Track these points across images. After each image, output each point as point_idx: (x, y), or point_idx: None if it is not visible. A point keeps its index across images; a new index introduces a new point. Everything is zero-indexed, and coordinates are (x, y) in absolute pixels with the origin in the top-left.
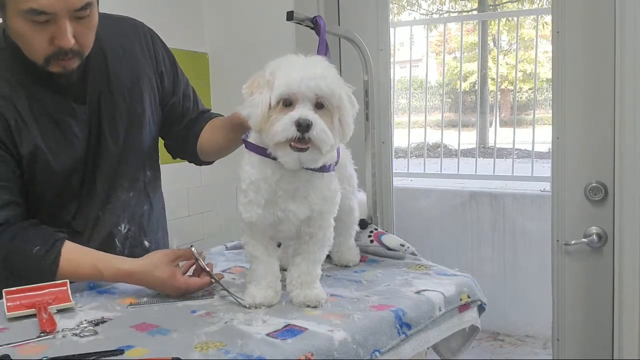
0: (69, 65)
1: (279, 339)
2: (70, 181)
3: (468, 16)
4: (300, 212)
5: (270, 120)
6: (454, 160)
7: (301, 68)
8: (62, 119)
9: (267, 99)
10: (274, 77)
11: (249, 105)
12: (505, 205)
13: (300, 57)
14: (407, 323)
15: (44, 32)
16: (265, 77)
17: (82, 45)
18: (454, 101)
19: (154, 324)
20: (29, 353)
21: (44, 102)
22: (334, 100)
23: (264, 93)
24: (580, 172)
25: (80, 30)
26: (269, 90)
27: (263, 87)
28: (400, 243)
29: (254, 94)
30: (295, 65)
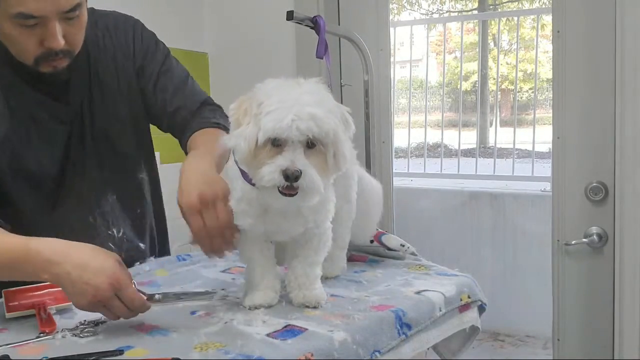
0: (59, 65)
1: (279, 339)
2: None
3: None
4: (293, 229)
5: (257, 159)
6: (454, 160)
7: (291, 106)
8: (41, 116)
9: (254, 134)
10: (262, 112)
11: (235, 137)
12: (506, 205)
13: (291, 88)
14: (407, 323)
15: (33, 35)
16: (253, 107)
17: (72, 45)
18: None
19: (154, 324)
20: (28, 353)
21: (25, 97)
22: (328, 139)
23: (250, 125)
24: (581, 172)
25: (69, 31)
26: (255, 124)
27: (250, 118)
28: (401, 243)
29: (240, 122)
30: (285, 101)
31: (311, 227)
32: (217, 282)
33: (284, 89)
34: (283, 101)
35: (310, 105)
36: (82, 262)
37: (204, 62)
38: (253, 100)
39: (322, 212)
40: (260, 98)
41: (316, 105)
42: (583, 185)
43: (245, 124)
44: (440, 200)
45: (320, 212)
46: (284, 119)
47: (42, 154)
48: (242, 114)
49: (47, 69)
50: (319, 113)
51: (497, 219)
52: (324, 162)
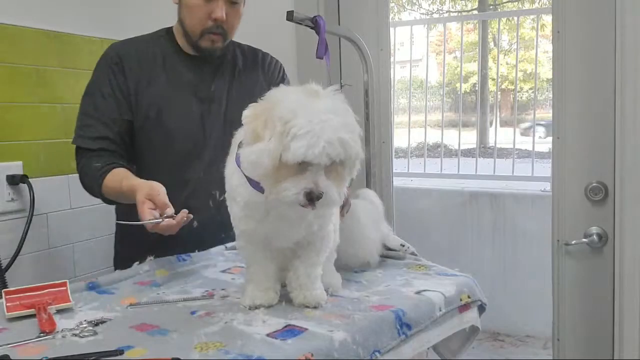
0: (215, 42)
1: (279, 339)
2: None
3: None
4: (296, 232)
5: (277, 175)
6: (454, 160)
7: (321, 131)
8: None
9: (278, 151)
10: (289, 131)
11: (257, 152)
12: (506, 205)
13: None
14: (407, 323)
15: (206, 8)
16: (275, 124)
17: (229, 26)
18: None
19: (154, 324)
20: (28, 353)
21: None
22: (351, 160)
23: (273, 142)
24: (581, 172)
25: (230, 13)
26: (279, 142)
27: (272, 133)
28: (401, 243)
29: (259, 135)
30: (314, 124)
31: (315, 230)
32: (217, 282)
33: (309, 107)
34: (312, 124)
35: (339, 129)
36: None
37: None
38: (274, 114)
39: (325, 215)
40: (284, 114)
41: (344, 128)
42: (583, 185)
43: (266, 138)
44: (440, 200)
45: (323, 215)
46: (316, 145)
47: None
48: (261, 125)
49: (206, 44)
50: (347, 138)
51: (497, 219)
52: (342, 177)
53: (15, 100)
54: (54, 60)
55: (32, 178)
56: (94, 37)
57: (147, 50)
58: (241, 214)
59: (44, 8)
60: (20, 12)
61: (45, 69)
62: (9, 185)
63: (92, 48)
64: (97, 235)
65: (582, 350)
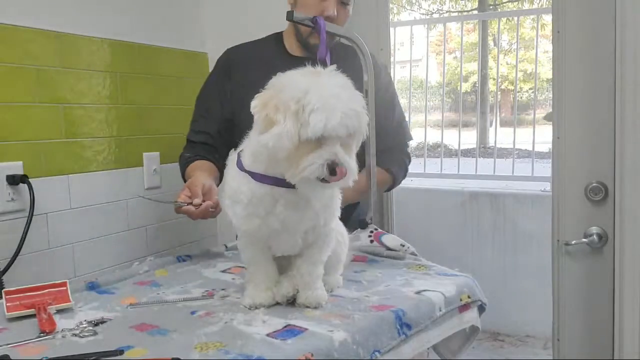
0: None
1: (279, 339)
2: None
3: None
4: (303, 222)
5: (297, 154)
6: (454, 160)
7: (336, 104)
8: None
9: (294, 131)
10: (304, 110)
11: (276, 135)
12: (506, 205)
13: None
14: (407, 323)
15: (319, 6)
16: (289, 105)
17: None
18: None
19: (154, 324)
20: (28, 353)
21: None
22: (361, 131)
23: (288, 122)
24: (581, 172)
25: (340, 12)
26: (295, 121)
27: (285, 114)
28: (401, 243)
29: (273, 120)
30: (327, 98)
31: (320, 224)
32: (217, 282)
33: (317, 84)
34: (325, 98)
35: (350, 101)
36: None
37: (204, 62)
38: (284, 96)
39: (331, 207)
40: (295, 94)
41: (354, 100)
42: (583, 185)
43: (281, 121)
44: (440, 200)
45: (330, 207)
46: (334, 117)
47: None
48: (273, 111)
49: (315, 41)
50: (359, 109)
51: (497, 219)
52: (351, 149)
53: (15, 100)
54: (54, 60)
55: (32, 178)
56: (94, 37)
57: (255, 53)
58: (244, 213)
59: (44, 8)
60: (20, 12)
61: (45, 69)
62: (9, 185)
63: (92, 48)
64: (97, 235)
65: (582, 350)
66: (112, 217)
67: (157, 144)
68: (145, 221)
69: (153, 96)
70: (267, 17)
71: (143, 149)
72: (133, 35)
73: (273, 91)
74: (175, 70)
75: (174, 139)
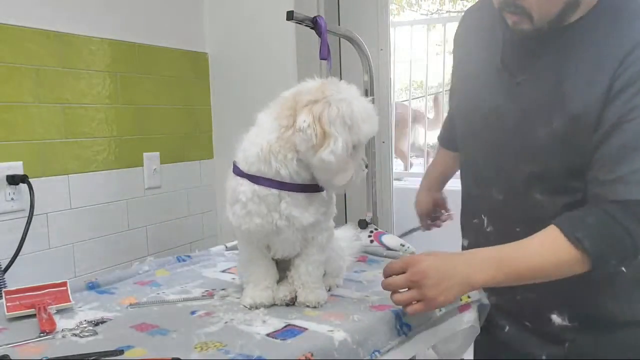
0: (516, 23)
1: (279, 339)
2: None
3: None
4: (305, 218)
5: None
6: None
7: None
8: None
9: (349, 143)
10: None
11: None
12: None
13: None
14: (407, 323)
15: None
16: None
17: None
18: None
19: (154, 324)
20: (28, 353)
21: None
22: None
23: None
24: None
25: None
26: (348, 134)
27: (339, 129)
28: (401, 243)
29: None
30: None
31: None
32: (217, 282)
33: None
34: (366, 109)
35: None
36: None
37: (204, 62)
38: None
39: (331, 204)
40: (344, 109)
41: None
42: None
43: (334, 135)
44: None
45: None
46: (375, 123)
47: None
48: (326, 124)
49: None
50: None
51: None
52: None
53: (15, 100)
54: (54, 60)
55: (32, 178)
56: (94, 37)
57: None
58: (243, 212)
59: (44, 8)
60: (20, 12)
61: (45, 69)
62: (9, 185)
63: (92, 48)
64: (97, 235)
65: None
66: (112, 217)
67: (157, 144)
68: (145, 221)
69: (153, 96)
70: (268, 17)
71: (143, 149)
72: (133, 35)
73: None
74: (175, 70)
75: (174, 139)
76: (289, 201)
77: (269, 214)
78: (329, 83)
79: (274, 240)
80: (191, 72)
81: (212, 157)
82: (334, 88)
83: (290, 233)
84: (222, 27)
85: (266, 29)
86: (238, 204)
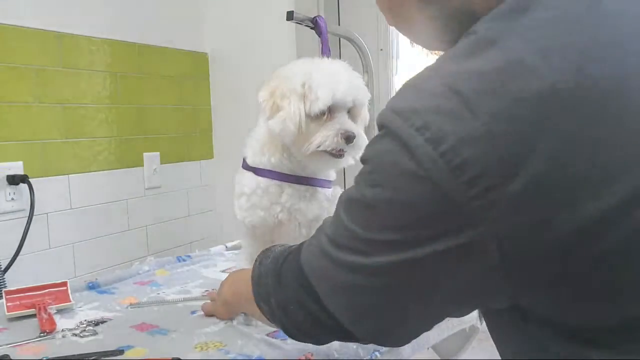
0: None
1: (279, 339)
2: None
3: None
4: (310, 210)
5: (306, 133)
6: None
7: (339, 77)
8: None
9: (300, 110)
10: (311, 89)
11: (280, 119)
12: None
13: (330, 66)
14: None
15: None
16: (295, 88)
17: None
18: None
19: (154, 324)
20: (28, 353)
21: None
22: (363, 105)
23: (293, 104)
24: None
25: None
26: (300, 101)
27: (291, 98)
28: None
29: (280, 106)
30: (331, 75)
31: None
32: (217, 282)
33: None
34: (329, 74)
35: (353, 77)
36: None
37: (204, 62)
38: (289, 82)
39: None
40: (299, 79)
41: (355, 77)
42: None
43: (285, 106)
44: None
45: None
46: (339, 87)
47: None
48: (279, 97)
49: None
50: (361, 83)
51: None
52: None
53: (15, 100)
54: (54, 60)
55: (32, 178)
56: (94, 37)
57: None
58: (248, 205)
59: (44, 8)
60: (21, 12)
61: (45, 69)
62: (9, 185)
63: (92, 48)
64: (97, 235)
65: None
66: (112, 217)
67: (157, 144)
68: (145, 221)
69: (153, 96)
70: (268, 17)
71: (143, 149)
72: (133, 35)
73: (277, 81)
74: (175, 70)
75: (174, 139)
76: (290, 193)
77: (271, 207)
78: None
79: (278, 234)
80: (191, 72)
81: (212, 157)
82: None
83: (293, 227)
84: (222, 27)
85: (266, 29)
86: (243, 197)
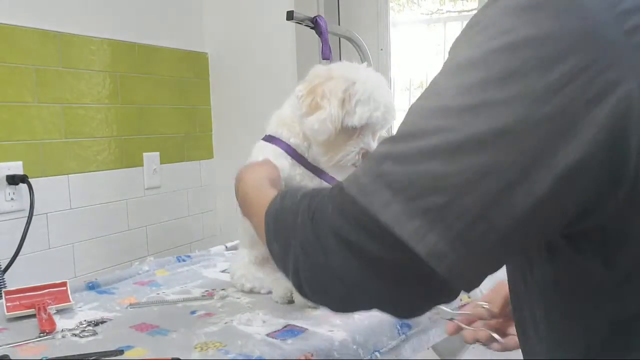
0: None
1: (279, 339)
2: None
3: (468, 16)
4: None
5: (337, 138)
6: None
7: (380, 97)
8: None
9: (340, 117)
10: (351, 99)
11: (321, 120)
12: None
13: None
14: (407, 323)
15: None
16: (337, 92)
17: None
18: None
19: (154, 324)
20: (28, 353)
21: None
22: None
23: (333, 108)
24: None
25: None
26: (341, 108)
27: (331, 101)
28: None
29: (319, 105)
30: (374, 92)
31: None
32: (217, 282)
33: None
34: (370, 90)
35: (390, 96)
36: None
37: (204, 62)
38: (331, 84)
39: None
40: (342, 84)
41: (391, 96)
42: None
43: (327, 107)
44: None
45: None
46: (378, 109)
47: None
48: (320, 96)
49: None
50: (393, 105)
51: None
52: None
53: (15, 100)
54: (54, 60)
55: (32, 178)
56: (94, 37)
57: None
58: None
59: (44, 8)
60: (20, 12)
61: (45, 69)
62: (9, 185)
63: (92, 48)
64: (97, 235)
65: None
66: (112, 217)
67: (157, 144)
68: (145, 221)
69: (153, 96)
70: (268, 17)
71: (143, 149)
72: (133, 35)
73: (319, 79)
74: (175, 70)
75: (174, 139)
76: (301, 173)
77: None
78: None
79: None
80: (191, 72)
81: (212, 157)
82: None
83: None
84: (222, 27)
85: (266, 29)
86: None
